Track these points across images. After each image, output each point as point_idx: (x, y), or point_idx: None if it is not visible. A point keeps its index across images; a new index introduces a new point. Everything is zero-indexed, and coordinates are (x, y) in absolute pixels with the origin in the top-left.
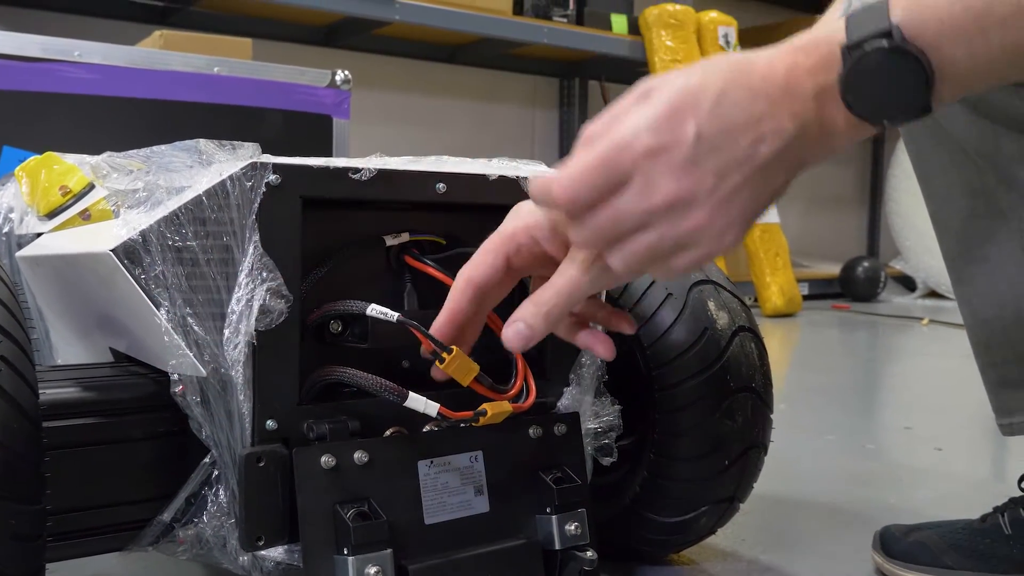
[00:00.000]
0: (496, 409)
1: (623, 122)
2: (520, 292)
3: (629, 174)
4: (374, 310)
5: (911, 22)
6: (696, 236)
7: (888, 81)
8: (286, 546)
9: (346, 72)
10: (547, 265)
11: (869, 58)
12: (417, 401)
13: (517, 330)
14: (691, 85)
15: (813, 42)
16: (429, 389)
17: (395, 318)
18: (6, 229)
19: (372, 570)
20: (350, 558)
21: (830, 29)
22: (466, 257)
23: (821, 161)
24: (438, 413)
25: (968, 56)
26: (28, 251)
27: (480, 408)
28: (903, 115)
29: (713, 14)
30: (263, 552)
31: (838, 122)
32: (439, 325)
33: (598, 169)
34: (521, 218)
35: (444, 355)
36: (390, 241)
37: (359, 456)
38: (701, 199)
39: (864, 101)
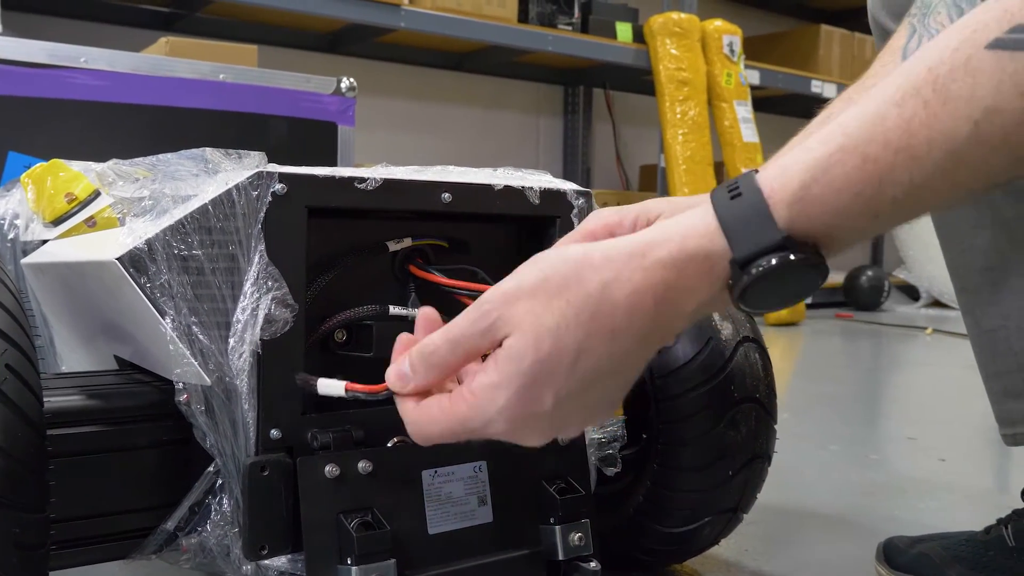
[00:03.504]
0: None
1: (476, 399)
2: None
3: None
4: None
5: (800, 223)
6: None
7: (786, 284)
8: (290, 555)
9: (351, 79)
10: None
11: (770, 273)
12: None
13: None
14: (544, 352)
15: (689, 258)
16: None
17: (414, 315)
18: (11, 236)
19: None
20: (353, 568)
21: (703, 240)
22: (468, 272)
23: None
24: (347, 391)
25: (858, 234)
26: (33, 258)
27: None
28: (794, 303)
29: (718, 23)
30: (266, 561)
31: (718, 310)
32: None
33: (451, 437)
34: (601, 218)
35: None
36: (393, 247)
37: (363, 466)
38: (568, 426)
39: (760, 304)
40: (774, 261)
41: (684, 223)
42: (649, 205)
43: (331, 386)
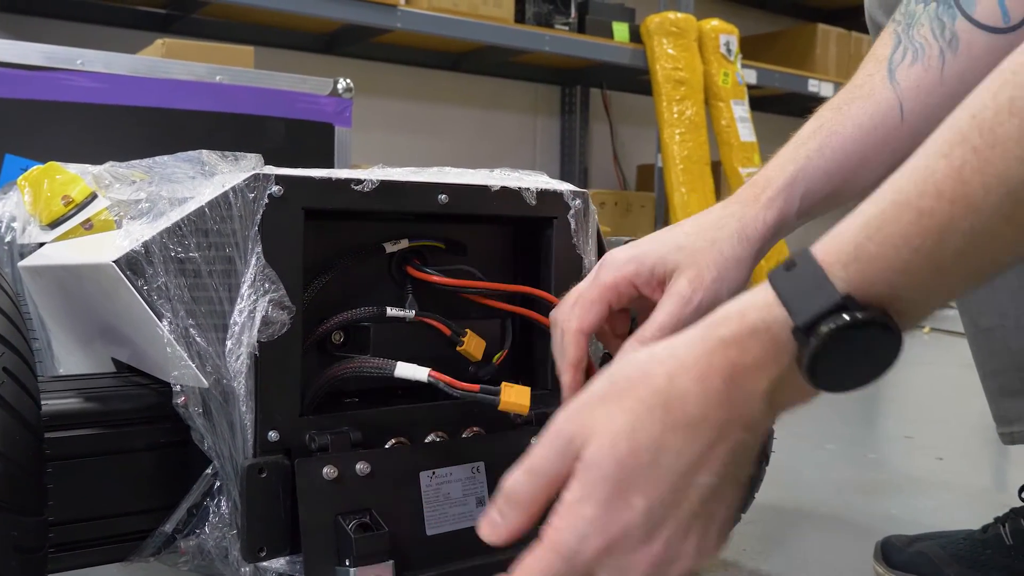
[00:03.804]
0: (515, 397)
1: (562, 518)
2: None
3: (594, 571)
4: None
5: (859, 285)
6: (689, 562)
7: (858, 353)
8: (288, 557)
9: (348, 80)
10: (640, 303)
11: (834, 337)
12: (405, 368)
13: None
14: (622, 453)
15: (748, 331)
16: (431, 400)
17: (411, 316)
18: (8, 239)
19: None
20: (352, 569)
21: (762, 312)
22: (465, 273)
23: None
24: (430, 377)
25: (926, 295)
26: (30, 261)
27: (495, 387)
28: (878, 376)
29: (714, 22)
30: (265, 563)
31: (799, 398)
32: (567, 381)
33: None
34: (620, 268)
35: (462, 338)
36: (390, 248)
37: (361, 467)
38: (680, 548)
39: (835, 378)
40: (836, 323)
41: (743, 300)
42: (665, 256)
43: (410, 370)
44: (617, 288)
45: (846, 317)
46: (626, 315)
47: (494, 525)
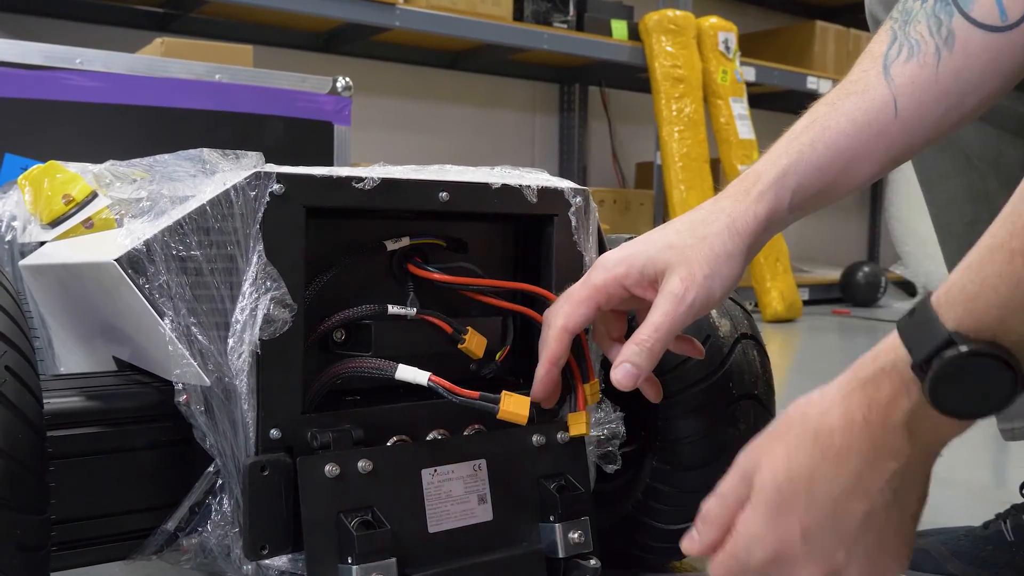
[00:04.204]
0: (514, 407)
1: (737, 531)
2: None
3: (762, 573)
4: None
5: (967, 320)
6: (852, 571)
7: (974, 381)
8: (290, 555)
9: (347, 79)
10: (635, 304)
11: (948, 368)
12: (406, 371)
13: (626, 371)
14: (780, 480)
15: (880, 371)
16: (433, 398)
17: (412, 314)
18: (9, 237)
19: None
20: (354, 567)
21: (890, 354)
22: (465, 270)
23: (935, 460)
24: (429, 382)
25: None
26: (31, 260)
27: (494, 395)
28: (1002, 402)
29: (713, 19)
30: (267, 561)
31: (941, 430)
32: (541, 374)
33: None
34: (609, 270)
35: (463, 336)
36: (391, 246)
37: (363, 465)
38: (839, 562)
39: (960, 405)
40: (945, 356)
41: (878, 347)
42: (655, 256)
43: (411, 373)
44: (606, 289)
45: (954, 351)
46: (622, 318)
47: (693, 541)
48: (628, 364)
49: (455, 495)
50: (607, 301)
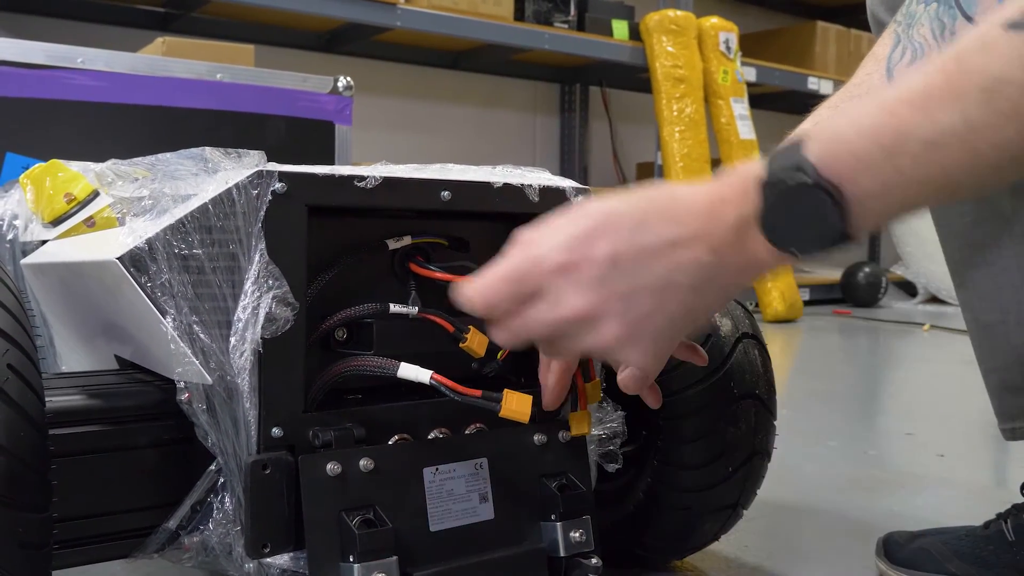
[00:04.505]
0: (516, 405)
1: (543, 236)
2: None
3: (540, 287)
4: (395, 308)
5: (825, 157)
6: (612, 349)
7: (805, 215)
8: (292, 553)
9: (348, 78)
10: None
11: (785, 193)
12: (408, 369)
13: (632, 375)
14: (615, 209)
15: (737, 175)
16: (435, 396)
17: (414, 313)
18: (11, 236)
19: None
20: (356, 565)
21: (754, 164)
22: (467, 269)
23: (746, 287)
24: (432, 380)
25: (883, 189)
26: (33, 258)
27: (496, 394)
28: (821, 245)
29: (714, 20)
30: (269, 559)
31: (760, 252)
32: (552, 383)
33: (509, 282)
34: None
35: (465, 334)
36: (393, 245)
37: (364, 463)
38: (610, 317)
39: (783, 233)
40: (790, 180)
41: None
42: None
43: (412, 371)
44: None
45: (800, 177)
46: None
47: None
48: (634, 368)
49: (457, 494)
50: None
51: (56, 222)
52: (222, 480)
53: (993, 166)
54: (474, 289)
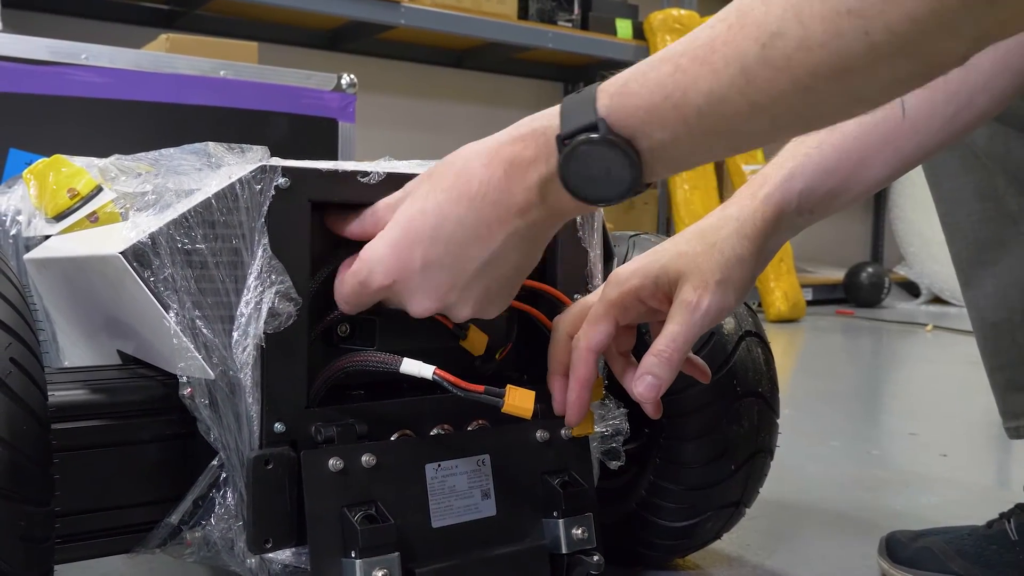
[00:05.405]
0: (519, 400)
1: (362, 255)
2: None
3: (382, 295)
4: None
5: (616, 112)
6: (468, 317)
7: (600, 168)
8: (294, 549)
9: (352, 76)
10: (652, 316)
11: (580, 149)
12: (411, 365)
13: (648, 383)
14: (413, 212)
15: (532, 132)
16: (437, 392)
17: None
18: (14, 231)
19: (379, 573)
20: (358, 561)
21: (545, 120)
22: None
23: (556, 229)
24: (435, 375)
25: (672, 139)
26: (36, 253)
27: (499, 389)
28: (619, 194)
29: None
30: (271, 555)
31: (565, 203)
32: (574, 396)
33: (354, 298)
34: (623, 284)
35: (465, 332)
36: None
37: (367, 459)
38: (458, 304)
39: (582, 186)
40: (584, 137)
41: (546, 110)
42: (667, 265)
43: (415, 367)
44: (623, 303)
45: (592, 134)
46: (631, 332)
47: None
48: (649, 376)
49: (459, 490)
50: (624, 315)
51: (59, 217)
52: (224, 475)
53: (771, 118)
54: (339, 296)
